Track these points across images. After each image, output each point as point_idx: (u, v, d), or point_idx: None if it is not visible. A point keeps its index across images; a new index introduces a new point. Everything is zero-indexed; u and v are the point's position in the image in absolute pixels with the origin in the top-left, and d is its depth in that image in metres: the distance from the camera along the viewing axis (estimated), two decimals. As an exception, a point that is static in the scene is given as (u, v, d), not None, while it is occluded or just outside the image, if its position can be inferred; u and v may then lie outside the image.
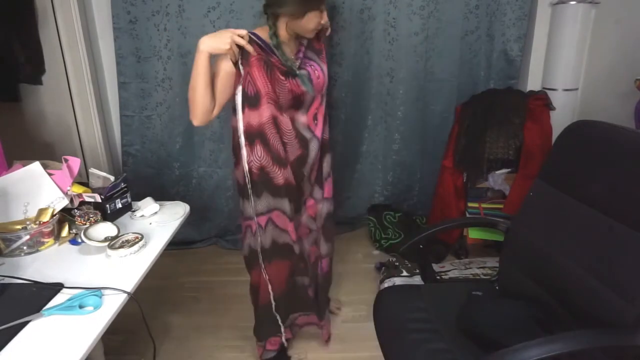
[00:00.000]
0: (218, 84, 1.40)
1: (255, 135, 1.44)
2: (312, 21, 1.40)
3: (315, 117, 1.54)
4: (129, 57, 2.44)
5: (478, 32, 2.50)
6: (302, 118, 1.51)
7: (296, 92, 1.44)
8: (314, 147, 1.55)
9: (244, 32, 1.33)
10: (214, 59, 1.36)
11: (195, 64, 1.33)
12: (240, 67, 1.37)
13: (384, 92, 2.61)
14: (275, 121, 1.43)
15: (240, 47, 1.33)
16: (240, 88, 1.40)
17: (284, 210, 1.55)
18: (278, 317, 1.71)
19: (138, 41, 2.41)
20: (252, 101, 1.40)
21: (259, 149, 1.45)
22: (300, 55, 1.52)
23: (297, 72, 1.44)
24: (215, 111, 1.43)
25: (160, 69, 2.46)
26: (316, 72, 1.51)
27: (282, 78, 1.41)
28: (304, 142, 1.52)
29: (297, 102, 1.48)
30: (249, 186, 1.51)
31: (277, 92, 1.41)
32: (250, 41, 1.35)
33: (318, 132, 1.56)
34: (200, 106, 1.38)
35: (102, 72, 2.59)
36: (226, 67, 1.39)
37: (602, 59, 2.28)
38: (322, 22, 1.44)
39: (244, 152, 1.47)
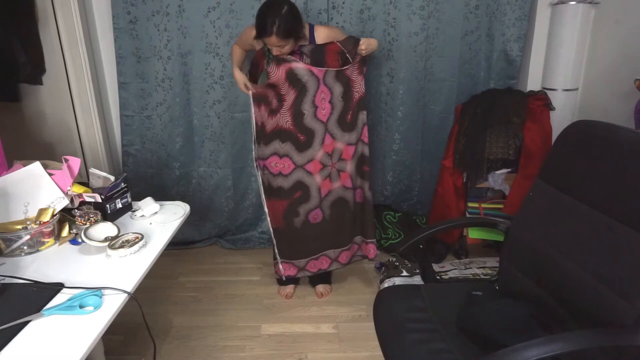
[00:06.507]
0: None
1: (258, 97, 2.00)
2: (268, 44, 1.87)
3: (317, 64, 1.94)
4: (129, 57, 2.44)
5: (478, 32, 2.50)
6: (299, 65, 1.91)
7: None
8: (311, 85, 1.93)
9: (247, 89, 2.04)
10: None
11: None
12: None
13: (383, 92, 2.61)
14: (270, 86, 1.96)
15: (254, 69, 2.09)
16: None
17: (276, 152, 2.01)
18: (274, 243, 2.15)
19: (138, 41, 2.42)
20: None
21: (261, 107, 2.00)
22: (297, 52, 1.94)
23: (267, 66, 1.95)
24: None
25: (160, 69, 2.46)
26: (291, 64, 1.91)
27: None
28: (297, 82, 1.92)
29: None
30: (253, 133, 2.03)
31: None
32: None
33: (319, 73, 1.94)
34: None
35: (102, 72, 2.59)
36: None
37: (601, 59, 2.28)
38: (276, 51, 1.86)
39: (253, 109, 2.01)
